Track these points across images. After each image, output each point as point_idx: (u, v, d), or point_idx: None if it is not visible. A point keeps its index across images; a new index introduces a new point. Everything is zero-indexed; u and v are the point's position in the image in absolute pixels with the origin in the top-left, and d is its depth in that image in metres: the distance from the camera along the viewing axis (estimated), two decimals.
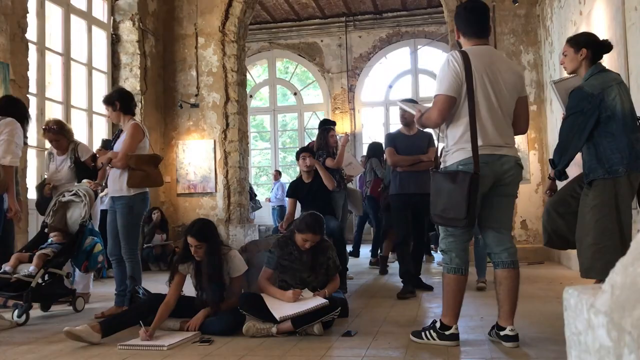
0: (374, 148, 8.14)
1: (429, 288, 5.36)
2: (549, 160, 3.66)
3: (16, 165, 4.18)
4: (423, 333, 3.22)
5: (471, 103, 3.04)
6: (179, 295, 3.79)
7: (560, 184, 3.78)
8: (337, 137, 6.52)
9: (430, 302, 4.74)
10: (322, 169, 5.72)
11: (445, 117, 3.10)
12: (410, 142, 5.30)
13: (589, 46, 3.37)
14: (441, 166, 3.18)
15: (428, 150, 5.21)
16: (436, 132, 3.60)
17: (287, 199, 6.03)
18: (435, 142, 3.68)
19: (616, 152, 3.18)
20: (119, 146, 4.51)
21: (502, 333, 3.11)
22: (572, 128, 3.26)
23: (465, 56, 3.06)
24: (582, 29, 5.83)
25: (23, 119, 4.42)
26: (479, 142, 3.02)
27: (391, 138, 5.47)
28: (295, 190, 5.73)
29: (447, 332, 3.13)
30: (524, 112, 3.27)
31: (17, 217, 4.21)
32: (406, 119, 5.23)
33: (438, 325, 3.18)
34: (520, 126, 3.26)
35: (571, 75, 3.55)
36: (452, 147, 3.12)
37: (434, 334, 3.16)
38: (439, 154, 3.29)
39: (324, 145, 6.18)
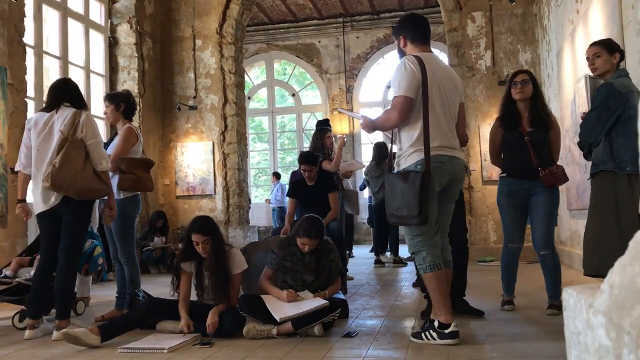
0: (382, 149, 7.73)
1: (479, 313, 3.95)
2: (577, 143, 3.85)
3: (110, 166, 4.09)
4: (423, 334, 3.22)
5: (425, 105, 3.14)
6: (191, 288, 3.82)
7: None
8: (334, 138, 6.48)
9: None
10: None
11: (405, 118, 3.19)
12: None
13: (620, 51, 3.60)
14: (395, 168, 3.30)
15: None
16: (388, 136, 3.79)
17: (287, 198, 5.99)
18: (389, 145, 3.79)
19: (628, 151, 3.32)
20: (112, 149, 4.51)
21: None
22: (596, 122, 3.42)
23: (420, 60, 3.18)
24: (580, 27, 5.84)
25: (82, 103, 4.24)
26: (437, 143, 3.14)
27: None
28: (297, 190, 5.68)
29: (446, 330, 3.12)
30: (463, 117, 3.44)
31: (114, 217, 4.18)
32: None
33: (437, 324, 3.18)
34: (460, 131, 3.40)
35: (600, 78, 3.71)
36: (408, 149, 3.20)
37: (433, 334, 3.16)
38: (392, 157, 3.43)
39: (320, 146, 6.14)
